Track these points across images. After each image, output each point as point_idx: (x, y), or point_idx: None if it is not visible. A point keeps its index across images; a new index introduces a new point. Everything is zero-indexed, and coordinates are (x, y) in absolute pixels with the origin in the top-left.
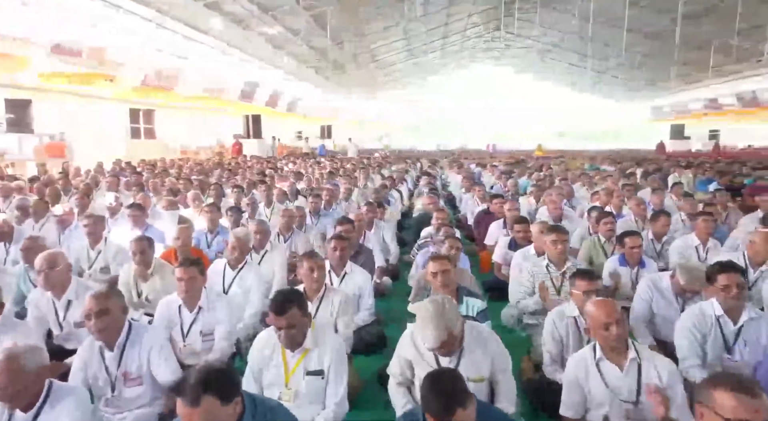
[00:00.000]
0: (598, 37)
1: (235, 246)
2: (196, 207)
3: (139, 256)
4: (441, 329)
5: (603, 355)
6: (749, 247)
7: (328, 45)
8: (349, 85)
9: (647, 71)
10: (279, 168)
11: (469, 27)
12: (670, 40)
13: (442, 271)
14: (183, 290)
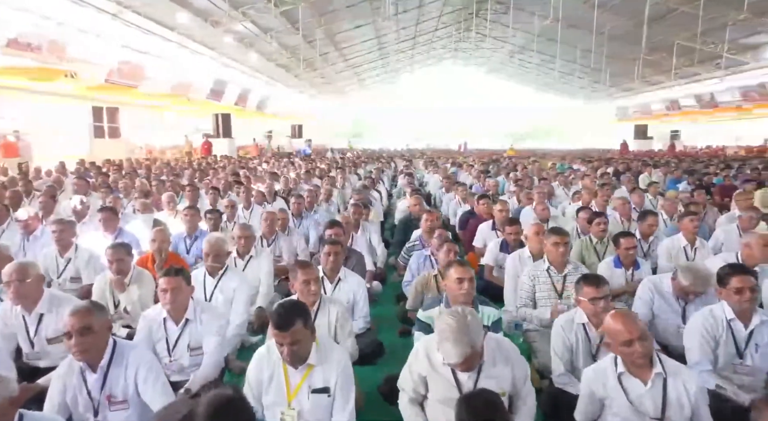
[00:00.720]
0: (565, 38)
1: (208, 253)
2: (171, 210)
3: (116, 264)
4: (464, 345)
5: (625, 369)
6: (744, 249)
7: (299, 43)
8: (320, 85)
9: (612, 73)
10: (252, 168)
11: (440, 27)
12: (635, 42)
13: (469, 278)
14: (168, 301)
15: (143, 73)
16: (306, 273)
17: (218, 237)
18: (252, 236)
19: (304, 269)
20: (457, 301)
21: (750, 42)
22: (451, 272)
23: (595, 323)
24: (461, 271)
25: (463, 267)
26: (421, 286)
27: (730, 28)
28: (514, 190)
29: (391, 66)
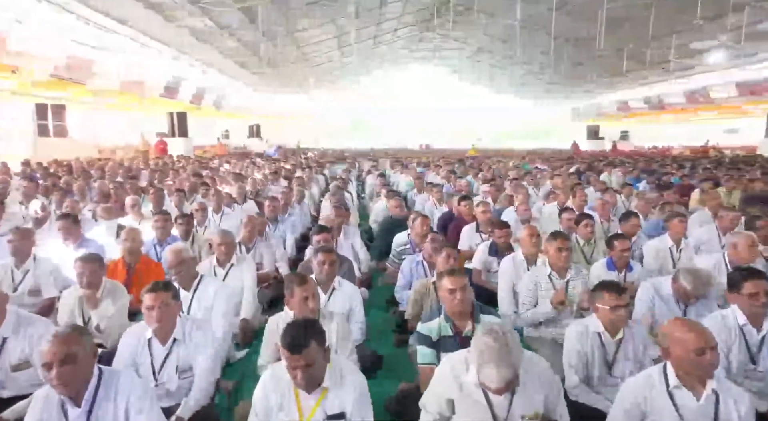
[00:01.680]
0: (524, 41)
1: (170, 265)
2: (136, 214)
3: (87, 277)
4: (507, 368)
5: (680, 382)
6: (731, 250)
7: (259, 41)
8: (279, 84)
9: (568, 75)
10: (214, 168)
11: (400, 27)
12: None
13: (461, 287)
14: (155, 319)
15: (92, 68)
16: (305, 289)
17: (177, 246)
18: (233, 243)
19: (303, 285)
20: (454, 311)
21: (696, 47)
22: (443, 283)
23: (611, 331)
24: (452, 280)
25: (455, 277)
26: (419, 294)
27: (678, 34)
28: (488, 191)
29: (352, 65)
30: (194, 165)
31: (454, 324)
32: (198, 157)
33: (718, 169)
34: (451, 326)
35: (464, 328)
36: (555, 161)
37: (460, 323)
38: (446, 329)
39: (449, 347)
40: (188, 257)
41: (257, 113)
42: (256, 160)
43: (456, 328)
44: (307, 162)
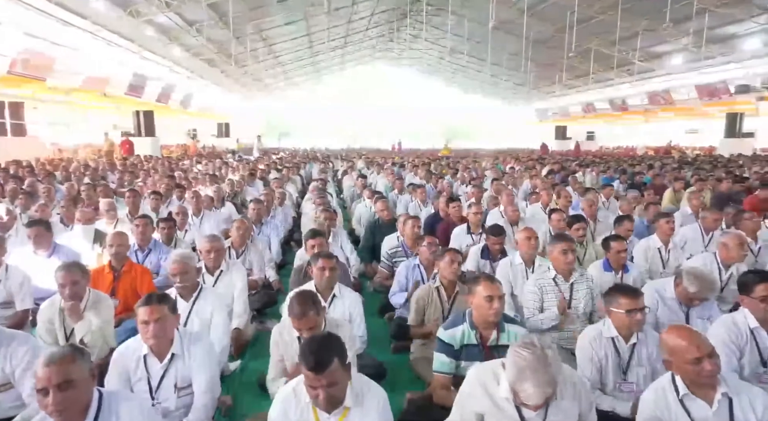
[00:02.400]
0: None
1: (174, 273)
2: (111, 218)
3: (69, 288)
4: (546, 384)
5: (688, 390)
6: (721, 249)
7: (228, 38)
8: (248, 82)
9: (535, 76)
10: (185, 169)
11: (372, 26)
12: (557, 47)
13: (499, 296)
14: (152, 334)
15: (52, 64)
16: (309, 307)
17: (184, 254)
18: (223, 248)
19: (305, 304)
20: (485, 320)
21: (658, 50)
22: (479, 289)
23: (625, 336)
24: (491, 288)
25: (493, 284)
26: (422, 301)
27: (641, 37)
28: (473, 192)
29: (322, 64)
30: (164, 166)
31: (480, 333)
32: (167, 157)
33: (684, 169)
34: (476, 335)
35: (489, 337)
36: (527, 161)
37: (486, 332)
38: (470, 337)
39: (472, 357)
40: (194, 266)
41: (225, 112)
42: (229, 160)
43: (481, 337)
44: (281, 162)
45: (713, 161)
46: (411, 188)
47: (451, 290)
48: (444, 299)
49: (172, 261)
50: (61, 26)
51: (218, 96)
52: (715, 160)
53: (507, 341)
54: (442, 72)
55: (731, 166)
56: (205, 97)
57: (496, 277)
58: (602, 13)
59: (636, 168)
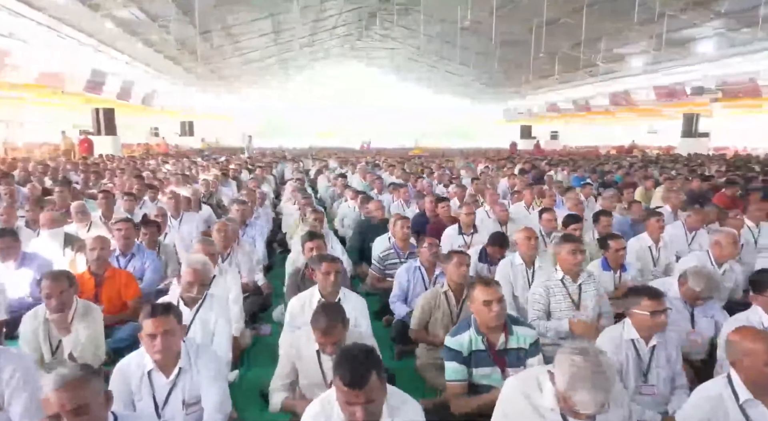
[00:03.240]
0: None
1: (192, 281)
2: (82, 221)
3: (56, 299)
4: (603, 392)
5: (751, 396)
6: (714, 247)
7: (192, 34)
8: (212, 80)
9: (503, 76)
10: (153, 170)
11: (340, 25)
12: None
13: (497, 299)
14: (159, 349)
15: (3, 59)
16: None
17: (200, 259)
18: (216, 253)
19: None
20: (487, 325)
21: (620, 52)
22: (475, 294)
23: (645, 338)
24: (487, 291)
25: (490, 287)
26: (429, 304)
27: (604, 40)
28: (455, 192)
29: (289, 63)
30: (130, 165)
31: (487, 338)
32: (130, 156)
33: (650, 168)
34: (483, 340)
35: (497, 341)
36: (498, 160)
37: (493, 336)
38: (478, 342)
39: (482, 363)
40: (207, 274)
41: (189, 110)
42: (197, 160)
43: (489, 342)
44: (252, 161)
45: (674, 160)
46: (392, 188)
47: (460, 293)
48: (452, 303)
49: (188, 266)
50: (13, 18)
51: (182, 94)
52: (675, 159)
53: (516, 345)
54: (411, 72)
55: (693, 165)
56: (168, 95)
57: (497, 278)
58: (568, 16)
59: (605, 167)
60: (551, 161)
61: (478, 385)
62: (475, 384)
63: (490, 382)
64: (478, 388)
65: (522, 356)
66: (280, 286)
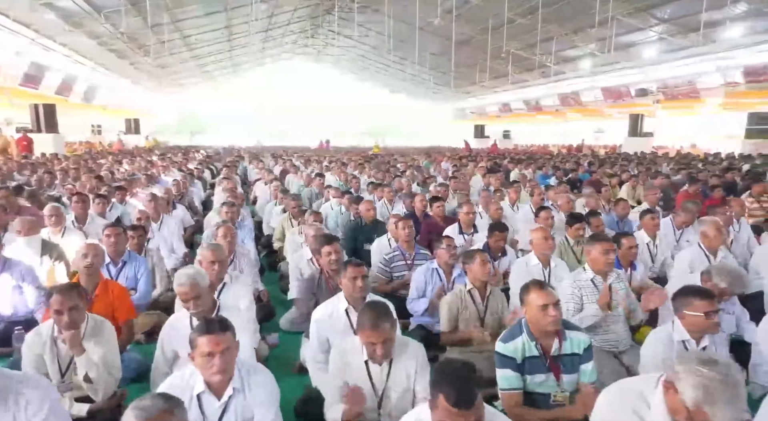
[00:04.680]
0: (412, 41)
1: (188, 297)
2: (57, 227)
3: (68, 315)
4: (739, 409)
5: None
6: (703, 239)
7: (140, 27)
8: (160, 75)
9: (456, 76)
10: (110, 170)
11: (294, 21)
12: (478, 49)
13: (554, 303)
14: (219, 369)
15: None
16: (380, 346)
17: (190, 272)
18: (226, 259)
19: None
20: (543, 330)
21: (570, 54)
22: (530, 298)
23: (696, 339)
24: (543, 295)
25: (545, 290)
26: (454, 306)
27: (555, 41)
28: (440, 190)
29: (241, 58)
30: (83, 165)
31: (540, 343)
32: (76, 155)
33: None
34: (536, 346)
35: (551, 347)
36: (459, 158)
37: (546, 342)
38: (531, 348)
39: (536, 370)
40: (207, 285)
41: (134, 107)
42: (152, 158)
43: (542, 347)
44: (211, 160)
45: (627, 159)
46: (371, 187)
47: (484, 291)
48: (478, 301)
49: (179, 284)
50: None
51: (127, 90)
52: (628, 158)
53: (570, 350)
54: (365, 71)
55: (647, 164)
56: (112, 91)
57: (511, 278)
58: (522, 17)
59: (566, 165)
60: (514, 159)
61: (533, 393)
62: (528, 392)
63: (545, 389)
64: (532, 396)
65: (576, 362)
66: (276, 291)
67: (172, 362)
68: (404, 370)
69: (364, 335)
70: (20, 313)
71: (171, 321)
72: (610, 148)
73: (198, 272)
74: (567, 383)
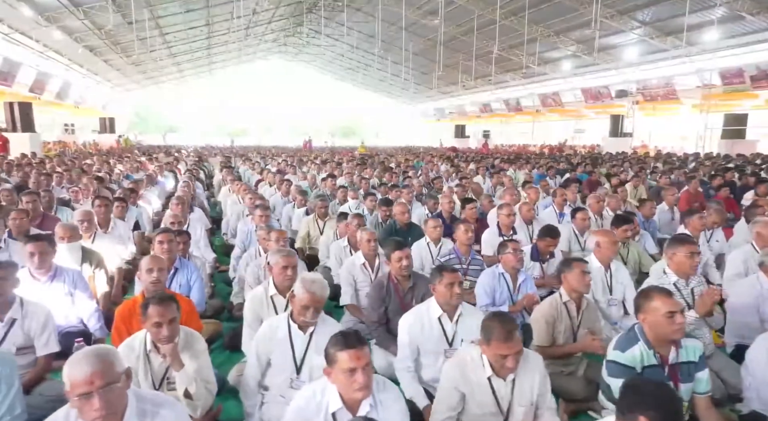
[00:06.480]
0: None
1: (308, 305)
2: (88, 233)
3: (167, 328)
4: None
5: None
6: (758, 239)
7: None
8: (133, 73)
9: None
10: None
11: (275, 20)
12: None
13: (681, 310)
14: (364, 384)
15: None
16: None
17: (315, 278)
18: (297, 264)
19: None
20: (666, 338)
21: (551, 56)
22: (654, 305)
23: None
24: (670, 302)
25: (671, 297)
26: (551, 318)
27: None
28: (456, 191)
29: (218, 57)
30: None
31: (658, 352)
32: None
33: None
34: (654, 354)
35: (669, 355)
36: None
37: (664, 350)
38: (650, 357)
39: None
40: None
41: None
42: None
43: (660, 356)
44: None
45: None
46: (384, 189)
47: (579, 303)
48: (573, 314)
49: (304, 290)
50: None
51: (101, 88)
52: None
53: (686, 358)
54: (343, 70)
55: (641, 164)
56: (86, 89)
57: None
58: (504, 19)
59: (561, 165)
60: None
61: None
62: None
63: None
64: None
65: (692, 370)
66: None
67: (265, 369)
68: (529, 383)
69: (496, 347)
70: (73, 322)
71: (266, 328)
72: (589, 147)
73: (320, 280)
74: (684, 393)
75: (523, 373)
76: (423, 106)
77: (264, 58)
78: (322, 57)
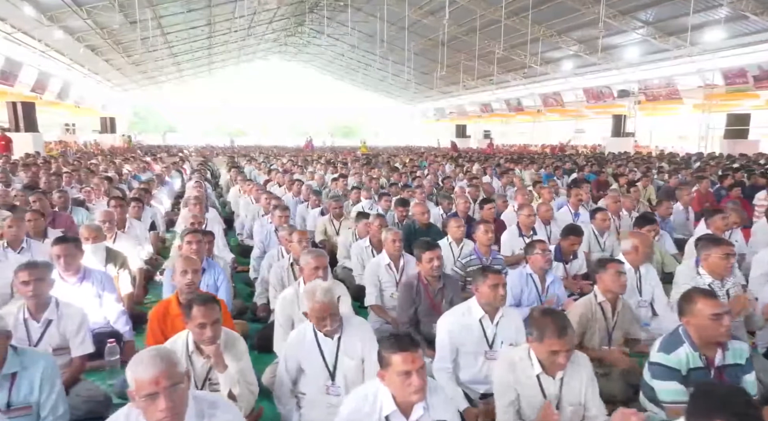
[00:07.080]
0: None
1: (325, 314)
2: (110, 233)
3: (211, 329)
4: None
5: None
6: None
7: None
8: (133, 73)
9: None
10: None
11: (276, 19)
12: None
13: (727, 311)
14: (419, 387)
15: None
16: (565, 340)
17: (326, 287)
18: (327, 265)
19: (562, 338)
20: (712, 340)
21: (553, 56)
22: (699, 307)
23: None
24: (715, 304)
25: (715, 299)
26: (585, 318)
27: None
28: (469, 191)
29: (219, 57)
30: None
31: (704, 354)
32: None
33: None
34: (700, 356)
35: (715, 357)
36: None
37: (710, 352)
38: (696, 359)
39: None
40: (336, 301)
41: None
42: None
43: (707, 358)
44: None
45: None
46: (395, 189)
47: (614, 304)
48: (608, 315)
49: (315, 301)
50: None
51: (101, 88)
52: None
53: (733, 360)
54: (344, 70)
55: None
56: (86, 89)
57: None
58: (507, 19)
59: (566, 165)
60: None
61: None
62: None
63: None
64: None
65: (739, 373)
66: None
67: (297, 376)
68: (577, 382)
69: (549, 343)
70: (102, 323)
71: (294, 336)
72: (590, 147)
73: (331, 287)
74: None
75: (572, 372)
76: (423, 106)
77: (264, 58)
78: (322, 57)
